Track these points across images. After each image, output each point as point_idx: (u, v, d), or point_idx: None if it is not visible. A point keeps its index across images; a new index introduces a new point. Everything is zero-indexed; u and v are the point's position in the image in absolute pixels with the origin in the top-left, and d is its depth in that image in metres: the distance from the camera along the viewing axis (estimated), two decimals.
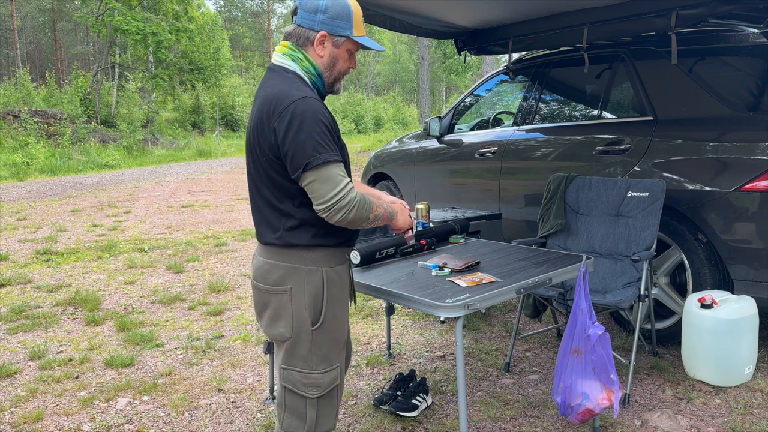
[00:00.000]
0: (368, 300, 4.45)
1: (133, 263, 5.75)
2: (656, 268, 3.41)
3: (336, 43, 1.76)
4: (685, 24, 3.23)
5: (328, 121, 1.68)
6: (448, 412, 2.80)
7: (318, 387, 1.79)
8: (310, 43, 1.76)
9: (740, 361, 2.93)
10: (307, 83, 1.76)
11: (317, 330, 1.77)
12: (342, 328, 1.85)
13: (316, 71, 1.77)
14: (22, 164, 14.79)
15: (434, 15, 4.19)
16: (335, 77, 1.82)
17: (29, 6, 39.43)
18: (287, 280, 1.76)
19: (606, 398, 2.29)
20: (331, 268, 1.79)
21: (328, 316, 1.78)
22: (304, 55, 1.76)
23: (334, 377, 1.82)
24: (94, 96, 22.33)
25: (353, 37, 1.76)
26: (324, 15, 1.73)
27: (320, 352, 1.79)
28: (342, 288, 1.84)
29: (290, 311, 1.76)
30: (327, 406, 1.83)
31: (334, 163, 1.65)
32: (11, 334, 3.97)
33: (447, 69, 30.78)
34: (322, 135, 1.64)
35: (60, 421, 2.81)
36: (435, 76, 41.21)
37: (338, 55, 1.78)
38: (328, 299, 1.78)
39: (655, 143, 3.39)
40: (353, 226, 1.72)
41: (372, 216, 1.73)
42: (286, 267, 1.76)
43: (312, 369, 1.78)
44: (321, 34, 1.74)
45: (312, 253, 1.76)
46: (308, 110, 1.64)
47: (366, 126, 32.54)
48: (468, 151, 4.68)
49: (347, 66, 1.83)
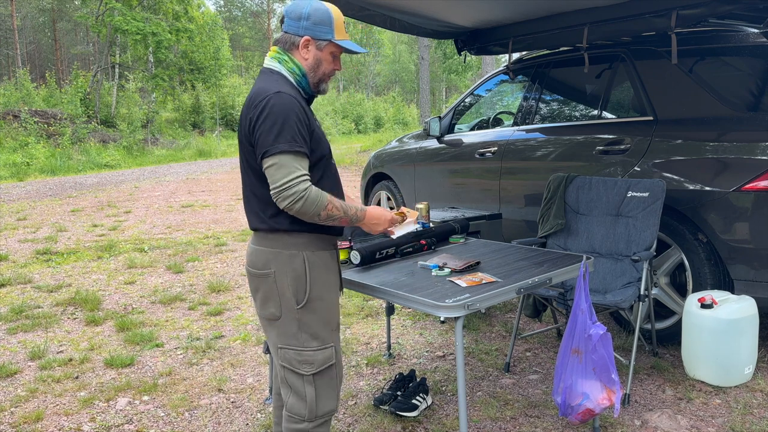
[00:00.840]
0: (368, 300, 4.45)
1: (133, 263, 5.75)
2: (656, 268, 3.41)
3: (319, 46, 1.92)
4: (685, 24, 3.23)
5: (298, 115, 1.80)
6: (448, 412, 2.80)
7: (311, 364, 1.90)
8: (295, 48, 1.93)
9: (740, 361, 2.93)
10: (292, 83, 1.92)
11: (302, 309, 1.89)
12: (331, 310, 1.95)
13: (300, 72, 1.93)
14: (22, 164, 14.80)
15: (434, 15, 4.19)
16: (320, 78, 1.96)
17: (29, 6, 39.43)
18: (271, 264, 1.89)
19: (606, 398, 2.29)
20: (312, 252, 1.90)
21: (312, 296, 1.89)
22: (290, 57, 1.93)
23: (328, 356, 1.92)
24: (94, 96, 22.34)
25: (335, 41, 1.92)
26: (307, 21, 1.91)
27: (309, 330, 1.90)
28: (327, 271, 1.94)
29: (276, 293, 1.90)
30: (326, 386, 1.93)
31: (292, 153, 1.77)
32: (11, 334, 3.98)
33: (447, 69, 30.79)
34: (287, 126, 1.77)
35: (60, 421, 2.81)
36: (435, 76, 41.21)
37: (322, 57, 1.94)
38: (312, 280, 1.89)
39: (655, 143, 3.39)
40: (303, 217, 1.81)
41: (324, 214, 1.81)
42: (269, 252, 1.89)
43: (303, 346, 1.90)
44: (305, 39, 1.91)
45: (293, 238, 1.88)
46: (279, 103, 1.78)
47: (366, 126, 32.53)
48: (468, 151, 4.68)
49: (331, 67, 1.97)
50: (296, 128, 1.78)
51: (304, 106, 1.86)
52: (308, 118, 1.85)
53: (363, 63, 45.76)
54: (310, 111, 1.95)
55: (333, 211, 1.83)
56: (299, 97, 1.88)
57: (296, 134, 1.78)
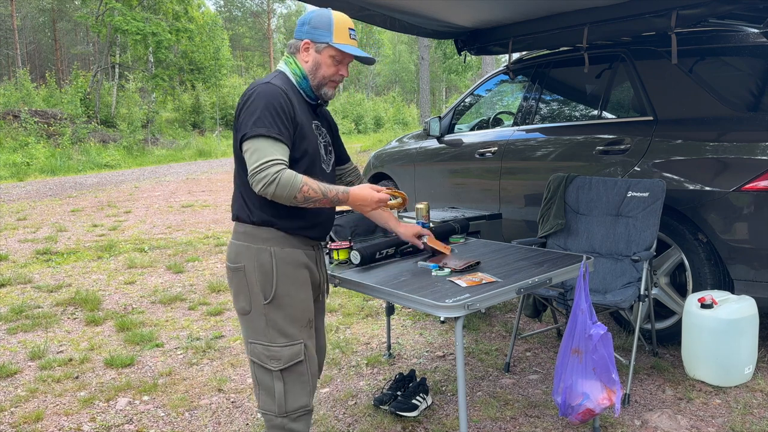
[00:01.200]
0: (368, 300, 4.45)
1: (133, 263, 5.75)
2: (656, 268, 3.41)
3: (318, 49, 1.99)
4: (685, 24, 3.23)
5: (281, 104, 1.86)
6: (448, 412, 2.80)
7: (279, 360, 1.92)
8: (298, 51, 2.02)
9: (740, 361, 2.93)
10: (293, 83, 2.00)
11: (269, 305, 1.92)
12: (299, 307, 1.96)
13: (301, 73, 2.00)
14: (22, 164, 14.79)
15: (434, 15, 4.19)
16: (320, 81, 2.00)
17: (29, 6, 39.42)
18: (241, 258, 1.94)
19: (606, 398, 2.29)
20: (281, 248, 1.93)
21: (279, 292, 1.92)
22: (293, 60, 2.03)
23: (296, 352, 1.94)
24: (94, 96, 22.33)
25: (332, 44, 1.96)
26: (308, 26, 2.00)
27: (276, 326, 1.92)
28: (296, 268, 1.96)
29: (246, 287, 1.94)
30: (295, 382, 1.95)
31: (269, 138, 1.81)
32: (11, 334, 3.97)
33: (447, 69, 30.78)
34: (268, 113, 1.82)
35: (60, 421, 2.81)
36: (435, 76, 41.20)
37: (321, 60, 1.99)
38: (279, 276, 1.92)
39: (655, 143, 3.39)
40: (280, 201, 1.83)
41: (300, 196, 1.82)
42: (241, 245, 1.95)
43: (271, 342, 1.93)
44: (305, 42, 2.00)
45: (263, 233, 1.93)
46: (263, 92, 1.86)
47: (366, 126, 32.52)
48: (468, 151, 4.68)
49: (333, 71, 2.00)
50: (276, 115, 1.83)
51: (291, 99, 1.90)
52: (294, 110, 1.90)
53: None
54: (309, 109, 2.02)
55: (309, 194, 1.83)
56: (290, 91, 1.94)
57: (275, 121, 1.83)
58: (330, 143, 2.16)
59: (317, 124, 2.08)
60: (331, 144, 2.18)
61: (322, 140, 2.08)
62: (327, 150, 2.12)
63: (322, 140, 2.08)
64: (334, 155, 2.20)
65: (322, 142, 2.07)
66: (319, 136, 2.07)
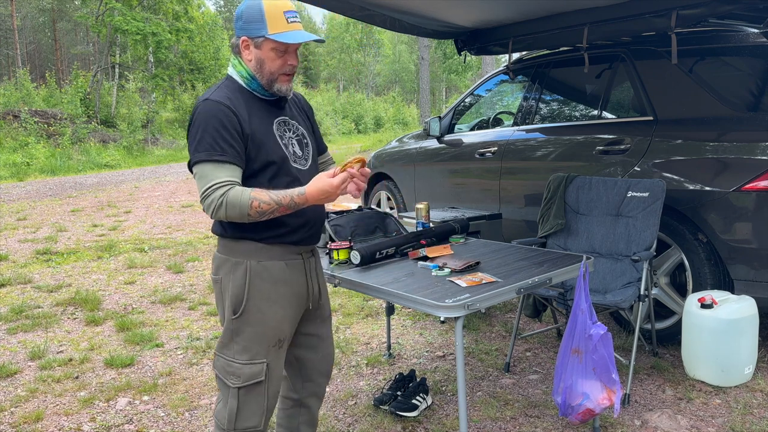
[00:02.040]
0: (368, 300, 4.45)
1: (133, 263, 5.75)
2: (656, 268, 3.41)
3: (257, 44, 1.81)
4: (685, 24, 3.23)
5: (221, 121, 1.73)
6: (448, 412, 2.80)
7: (238, 377, 1.85)
8: (239, 50, 1.85)
9: (740, 361, 2.93)
10: (241, 86, 1.86)
11: (237, 320, 1.84)
12: (270, 325, 1.86)
13: (248, 74, 1.85)
14: (22, 164, 14.80)
15: (434, 15, 4.19)
16: (269, 78, 1.84)
17: (29, 6, 39.42)
18: (220, 270, 1.88)
19: (606, 398, 2.29)
20: (258, 262, 1.84)
21: (249, 307, 1.83)
22: (239, 61, 1.87)
23: (256, 372, 1.85)
24: (94, 96, 22.33)
25: (269, 36, 1.78)
26: (241, 21, 1.82)
27: (241, 342, 1.85)
28: (274, 284, 1.85)
29: (222, 300, 1.88)
30: (250, 402, 1.86)
31: (210, 162, 1.71)
32: (11, 334, 3.97)
33: (447, 69, 30.81)
34: (208, 135, 1.72)
35: (60, 421, 2.81)
36: (435, 76, 41.21)
37: (262, 55, 1.82)
38: (251, 292, 1.83)
39: (655, 143, 3.39)
40: (236, 221, 1.74)
41: (253, 212, 1.70)
42: (221, 257, 1.89)
43: (234, 358, 1.85)
44: (242, 40, 1.83)
45: (239, 245, 1.85)
46: (202, 112, 1.75)
47: (366, 126, 32.52)
48: (468, 151, 4.68)
49: (279, 65, 1.83)
50: (217, 134, 1.71)
51: (236, 108, 1.76)
52: (240, 121, 1.76)
53: (363, 63, 45.77)
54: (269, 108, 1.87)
55: (262, 207, 1.71)
56: (237, 98, 1.80)
57: (216, 142, 1.71)
58: (305, 135, 1.99)
59: (283, 120, 1.92)
60: (307, 136, 2.00)
61: (292, 136, 1.92)
62: (302, 145, 1.95)
63: (292, 136, 1.92)
64: (312, 147, 2.01)
65: (292, 138, 1.92)
66: (288, 132, 1.91)
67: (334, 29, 45.99)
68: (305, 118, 2.06)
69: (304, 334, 2.05)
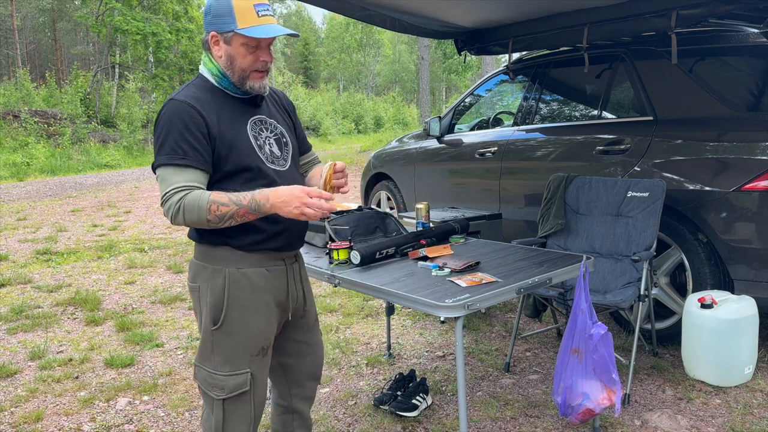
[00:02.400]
0: (368, 300, 4.45)
1: (133, 263, 5.75)
2: (656, 268, 3.41)
3: (226, 40, 1.73)
4: (685, 24, 3.23)
5: (185, 123, 1.66)
6: (448, 412, 2.80)
7: (221, 389, 1.78)
8: (209, 46, 1.77)
9: (740, 361, 2.93)
10: (212, 84, 1.79)
11: (217, 331, 1.77)
12: (252, 334, 1.79)
13: (218, 71, 1.77)
14: (22, 164, 14.80)
15: (434, 15, 4.19)
16: (240, 75, 1.75)
17: (29, 6, 39.42)
18: (198, 277, 1.80)
19: (606, 398, 2.29)
20: (237, 269, 1.76)
21: (229, 318, 1.76)
22: (209, 57, 1.78)
23: (241, 383, 1.78)
24: (94, 96, 22.33)
25: (238, 31, 1.70)
26: (210, 15, 1.74)
27: (223, 354, 1.77)
28: (253, 292, 1.78)
29: (199, 309, 1.81)
30: (236, 412, 1.81)
31: (170, 166, 1.65)
32: (11, 334, 3.97)
33: (447, 69, 30.81)
34: (171, 137, 1.66)
35: (60, 421, 2.81)
36: (435, 76, 41.21)
37: (233, 51, 1.73)
38: (230, 301, 1.76)
39: (655, 143, 3.39)
40: (195, 226, 1.68)
41: (212, 217, 1.63)
42: (198, 264, 1.81)
43: (216, 370, 1.78)
44: (211, 35, 1.74)
45: (217, 252, 1.77)
46: (167, 113, 1.69)
47: (366, 126, 32.54)
48: (468, 151, 4.68)
49: (251, 61, 1.74)
50: (180, 136, 1.64)
51: (203, 109, 1.69)
52: (207, 121, 1.68)
53: (363, 63, 45.78)
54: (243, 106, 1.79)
55: (222, 210, 1.62)
56: (207, 97, 1.73)
57: (178, 145, 1.64)
58: (284, 134, 1.89)
59: (259, 119, 1.83)
60: (287, 135, 1.90)
61: (269, 136, 1.83)
62: (281, 144, 1.86)
63: (269, 136, 1.83)
64: (292, 147, 1.91)
65: (270, 138, 1.83)
66: (265, 132, 1.82)
67: (334, 29, 46.00)
68: (285, 116, 1.98)
69: (292, 341, 2.00)
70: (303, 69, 51.59)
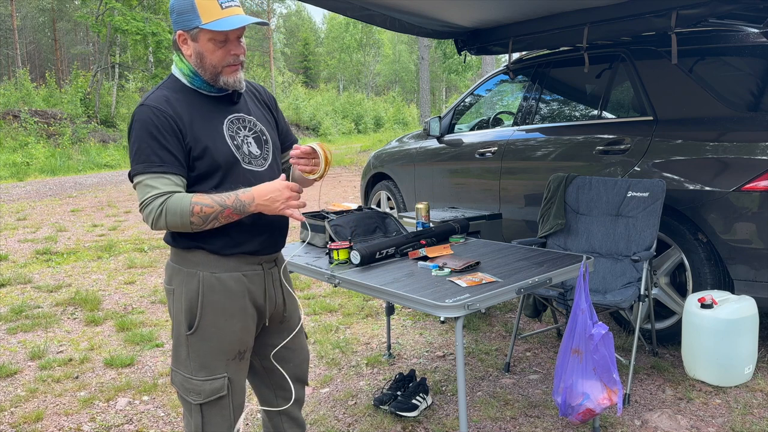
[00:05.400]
0: (368, 300, 4.45)
1: (133, 263, 5.75)
2: (656, 268, 3.41)
3: (193, 37, 1.68)
4: (685, 24, 3.23)
5: (156, 127, 1.63)
6: (448, 412, 2.80)
7: (198, 394, 1.75)
8: (178, 46, 1.73)
9: (740, 361, 2.93)
10: (184, 84, 1.74)
11: (192, 336, 1.74)
12: (228, 338, 1.76)
13: (190, 71, 1.72)
14: (22, 164, 14.81)
15: (434, 15, 4.19)
16: (212, 72, 1.70)
17: (29, 6, 39.42)
18: (173, 280, 1.79)
19: (606, 398, 2.29)
20: (212, 273, 1.73)
21: (204, 323, 1.73)
22: (180, 57, 1.74)
23: (218, 387, 1.76)
24: (94, 96, 22.34)
25: (203, 26, 1.64)
26: (174, 14, 1.69)
27: (198, 359, 1.75)
28: (228, 297, 1.75)
29: (173, 312, 1.79)
30: (215, 416, 1.78)
31: (146, 174, 1.63)
32: (11, 334, 3.97)
33: (447, 69, 30.79)
34: (144, 144, 1.63)
35: (60, 421, 2.81)
36: (435, 76, 41.22)
37: (201, 49, 1.68)
38: (204, 305, 1.73)
39: (655, 143, 3.39)
40: (182, 231, 1.66)
41: (196, 219, 1.61)
42: (174, 267, 1.80)
43: (192, 374, 1.75)
44: (178, 34, 1.70)
45: (192, 255, 1.75)
46: (137, 119, 1.65)
47: (366, 126, 32.54)
48: (468, 151, 4.68)
49: (221, 56, 1.68)
50: (153, 142, 1.62)
51: (173, 112, 1.65)
52: (179, 124, 1.65)
53: (363, 63, 45.79)
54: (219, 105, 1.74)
55: (205, 211, 1.61)
56: (178, 98, 1.69)
57: (152, 151, 1.62)
58: (264, 131, 1.84)
59: (237, 117, 1.78)
60: (267, 132, 1.85)
61: (248, 134, 1.78)
62: (260, 143, 1.81)
63: (248, 134, 1.78)
64: (273, 143, 1.86)
65: (248, 136, 1.78)
66: (243, 131, 1.77)
67: (334, 29, 46.04)
68: (266, 111, 1.92)
69: (272, 347, 1.96)
70: (303, 69, 51.62)
